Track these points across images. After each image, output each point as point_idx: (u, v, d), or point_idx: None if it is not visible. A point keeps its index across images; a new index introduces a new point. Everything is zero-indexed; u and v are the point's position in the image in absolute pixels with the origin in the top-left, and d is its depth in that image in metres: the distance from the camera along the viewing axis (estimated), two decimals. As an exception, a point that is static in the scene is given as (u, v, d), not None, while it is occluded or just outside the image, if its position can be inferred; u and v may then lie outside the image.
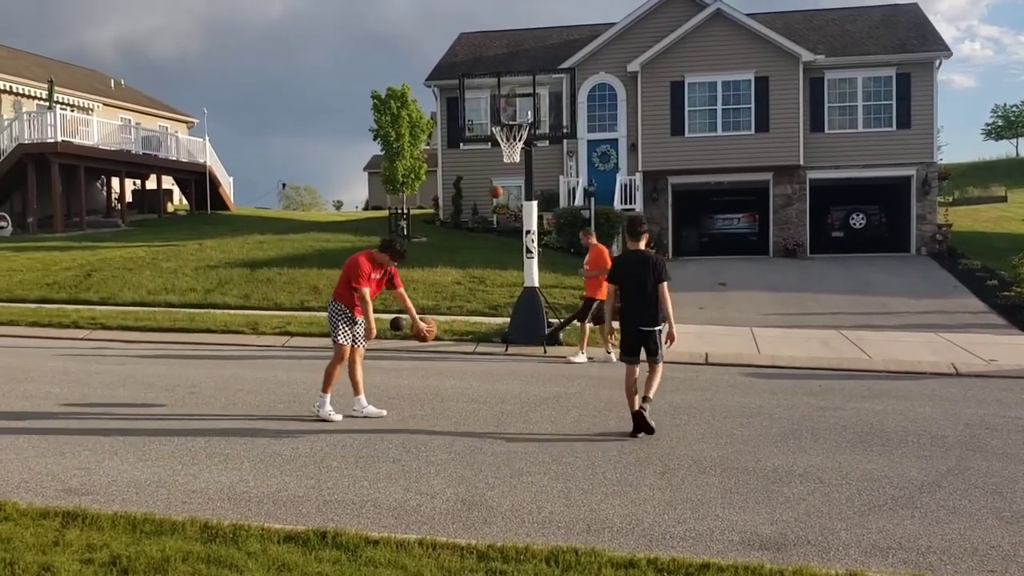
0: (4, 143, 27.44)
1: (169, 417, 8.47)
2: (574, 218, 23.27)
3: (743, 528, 5.49)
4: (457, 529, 5.44)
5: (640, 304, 7.82)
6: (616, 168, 26.40)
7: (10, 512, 5.41)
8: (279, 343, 13.81)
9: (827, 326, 15.41)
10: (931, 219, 25.07)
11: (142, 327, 14.61)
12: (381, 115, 27.38)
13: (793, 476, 6.60)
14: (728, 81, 25.08)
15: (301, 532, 5.11)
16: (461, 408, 9.03)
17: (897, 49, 25.26)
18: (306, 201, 71.53)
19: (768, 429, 8.17)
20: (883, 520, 5.65)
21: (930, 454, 7.29)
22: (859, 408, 9.17)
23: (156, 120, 39.03)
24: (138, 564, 4.60)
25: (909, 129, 24.98)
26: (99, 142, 29.32)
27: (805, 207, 25.53)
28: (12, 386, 9.97)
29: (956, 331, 14.69)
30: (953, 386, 10.69)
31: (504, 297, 16.91)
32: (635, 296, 7.85)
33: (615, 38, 26.31)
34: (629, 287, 7.91)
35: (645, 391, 7.83)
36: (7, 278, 19.02)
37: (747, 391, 10.21)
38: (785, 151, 24.81)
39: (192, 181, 34.02)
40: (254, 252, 21.75)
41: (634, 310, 7.86)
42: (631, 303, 7.89)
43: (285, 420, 8.37)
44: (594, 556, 4.79)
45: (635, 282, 7.85)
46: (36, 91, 32.00)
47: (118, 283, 18.36)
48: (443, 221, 28.41)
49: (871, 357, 12.58)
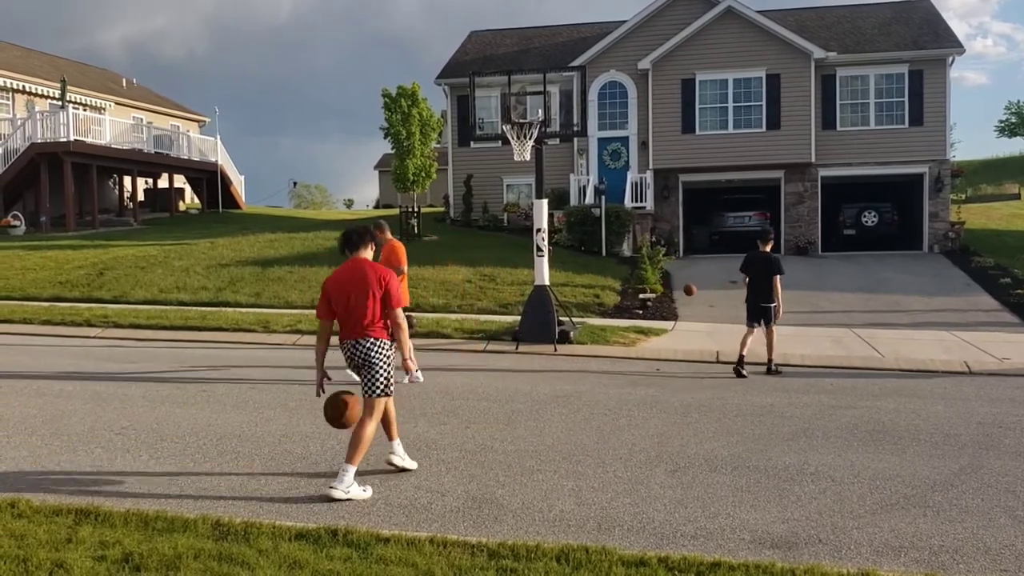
0: (17, 142, 27.58)
1: (181, 414, 8.50)
2: (585, 216, 23.26)
3: (754, 527, 5.47)
4: (468, 527, 5.44)
5: (762, 289, 11.25)
6: (627, 166, 26.35)
7: (23, 509, 5.45)
8: (290, 341, 13.84)
9: (839, 324, 15.35)
10: (944, 217, 24.93)
11: (154, 325, 14.67)
12: (392, 114, 27.40)
13: (805, 475, 6.58)
14: (739, 79, 25.00)
15: (312, 530, 5.13)
16: (471, 406, 9.03)
17: (909, 46, 25.12)
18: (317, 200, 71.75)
19: (779, 427, 8.15)
20: (895, 519, 5.62)
21: (943, 453, 7.25)
22: (871, 406, 9.14)
23: (168, 119, 39.18)
24: (150, 561, 4.62)
25: (921, 126, 24.84)
26: (111, 141, 29.46)
27: (817, 205, 25.43)
28: (25, 384, 10.03)
29: (969, 329, 14.61)
30: (966, 384, 10.64)
31: (515, 295, 16.90)
32: (759, 283, 11.29)
33: (625, 36, 26.24)
34: (754, 277, 11.34)
35: (768, 353, 11.39)
36: (21, 277, 19.12)
37: (758, 389, 10.19)
38: (796, 149, 24.72)
39: (203, 180, 34.16)
40: (265, 251, 21.81)
41: (757, 293, 11.30)
42: (756, 287, 11.32)
43: (296, 418, 8.39)
44: (605, 554, 4.79)
45: (760, 273, 11.29)
46: (49, 90, 32.15)
47: (130, 281, 18.44)
48: (454, 219, 28.42)
49: (883, 355, 12.52)
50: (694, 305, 17.24)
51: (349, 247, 6.41)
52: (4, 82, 31.22)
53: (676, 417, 8.54)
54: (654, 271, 18.87)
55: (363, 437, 6.03)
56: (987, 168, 47.60)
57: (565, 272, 19.05)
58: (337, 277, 6.31)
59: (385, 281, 6.19)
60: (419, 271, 18.72)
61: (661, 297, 17.85)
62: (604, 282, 18.76)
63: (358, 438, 6.02)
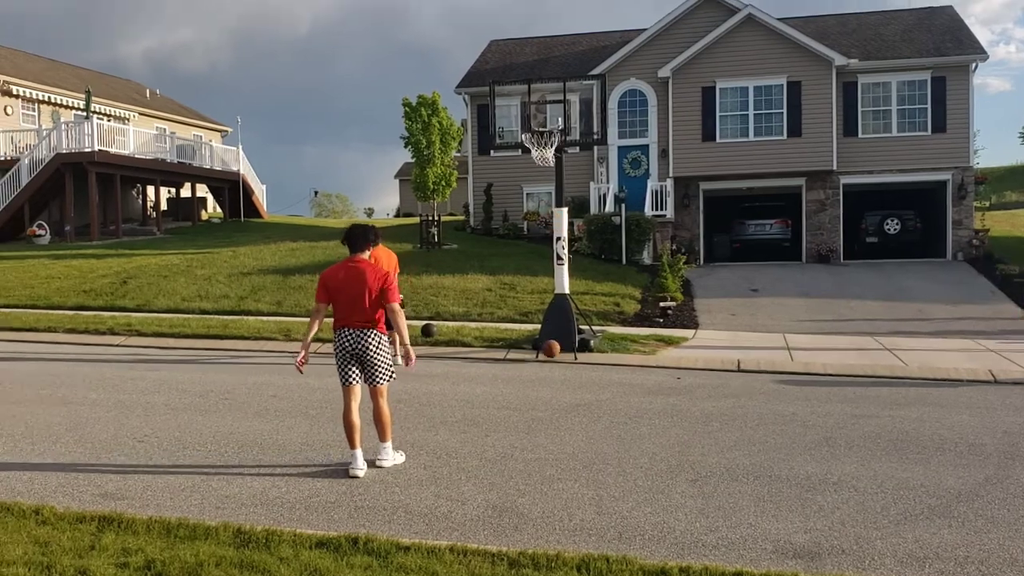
0: (42, 152, 27.91)
1: (203, 422, 8.55)
2: (605, 224, 23.23)
3: (776, 537, 5.43)
4: (488, 535, 5.44)
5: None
6: (647, 174, 26.31)
7: (48, 516, 5.50)
8: (311, 350, 13.89)
9: (861, 332, 15.23)
10: (968, 224, 24.70)
11: (176, 333, 14.77)
12: (412, 123, 27.54)
13: (827, 484, 6.53)
14: (760, 86, 24.91)
15: (333, 538, 5.14)
16: (492, 414, 9.03)
17: (932, 52, 24.95)
18: (338, 208, 72.18)
19: (802, 436, 8.09)
20: (919, 529, 5.57)
21: (968, 462, 7.17)
22: (895, 416, 9.05)
23: (190, 129, 39.53)
24: (172, 569, 4.65)
25: (944, 133, 24.65)
26: (135, 151, 29.75)
27: (839, 212, 25.27)
28: (50, 391, 10.12)
29: (994, 337, 14.45)
30: (991, 393, 10.52)
31: (535, 304, 16.89)
32: None
33: (645, 44, 26.23)
34: None
35: None
36: (45, 285, 19.32)
37: (780, 398, 10.12)
38: (818, 156, 24.58)
39: (226, 189, 34.40)
40: (287, 259, 21.93)
41: None
42: None
43: (317, 426, 8.42)
44: (625, 564, 4.77)
45: None
46: (74, 101, 32.55)
47: (153, 290, 18.59)
48: (474, 228, 28.47)
49: (907, 364, 12.41)
50: (715, 313, 17.18)
51: (351, 246, 6.86)
52: (30, 93, 31.64)
53: (697, 426, 8.50)
54: (674, 279, 18.81)
55: (384, 417, 6.87)
56: (1012, 175, 47.16)
57: (585, 280, 19.02)
58: (335, 276, 6.83)
59: (382, 281, 6.75)
60: (439, 279, 18.76)
61: (681, 305, 17.78)
62: (624, 290, 18.71)
63: (381, 420, 6.86)
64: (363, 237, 6.88)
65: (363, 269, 6.74)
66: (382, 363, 6.79)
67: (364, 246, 6.86)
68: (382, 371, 6.81)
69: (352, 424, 6.73)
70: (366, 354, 6.73)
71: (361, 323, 6.71)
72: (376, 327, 6.75)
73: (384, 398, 6.87)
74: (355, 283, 6.70)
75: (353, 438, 6.73)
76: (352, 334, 6.72)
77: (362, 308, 6.68)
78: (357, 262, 6.79)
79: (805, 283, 20.96)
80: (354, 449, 6.73)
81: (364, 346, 6.71)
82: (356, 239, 6.86)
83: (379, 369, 6.79)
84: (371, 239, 6.97)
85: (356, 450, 6.73)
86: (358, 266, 6.76)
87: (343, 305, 6.74)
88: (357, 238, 6.86)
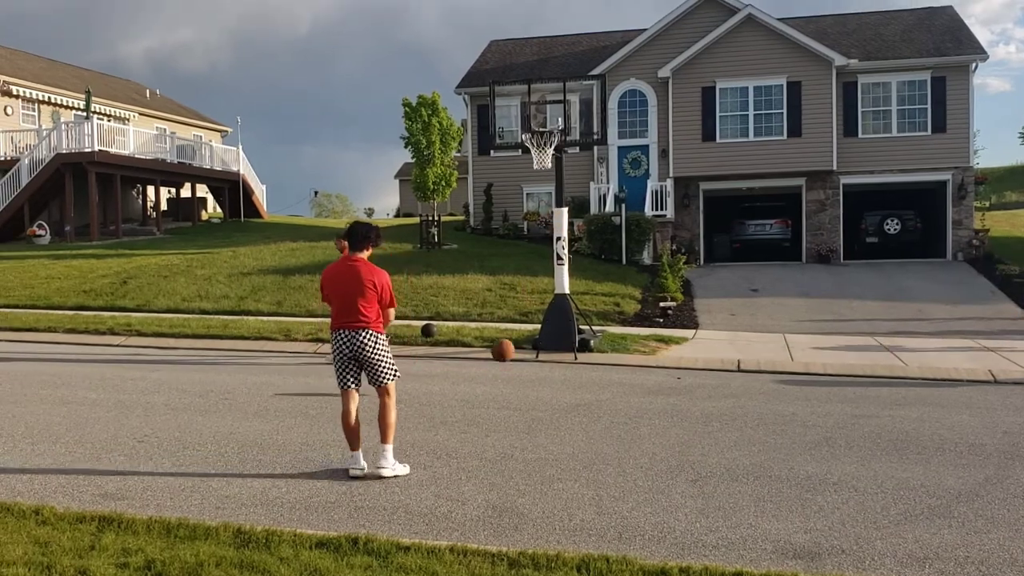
0: (42, 153, 27.91)
1: (203, 422, 8.55)
2: (605, 224, 23.24)
3: (776, 537, 5.43)
4: (488, 536, 5.43)
5: None
6: (647, 174, 26.32)
7: (48, 516, 5.49)
8: (311, 349, 13.89)
9: (861, 332, 15.23)
10: (968, 224, 24.70)
11: (176, 334, 14.77)
12: (412, 123, 27.56)
13: (827, 484, 6.53)
14: (760, 86, 24.91)
15: (333, 538, 5.14)
16: (492, 415, 9.03)
17: (932, 52, 24.95)
18: (338, 209, 72.17)
19: (802, 436, 8.09)
20: (920, 529, 5.56)
21: (968, 462, 7.17)
22: (895, 416, 9.05)
23: (190, 129, 39.53)
24: (172, 569, 4.65)
25: (944, 133, 24.66)
26: (135, 151, 29.76)
27: (839, 212, 25.27)
28: (50, 391, 10.12)
29: (994, 337, 14.46)
30: (991, 393, 10.52)
31: (535, 304, 16.89)
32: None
33: (645, 44, 26.23)
34: None
35: None
36: (45, 286, 19.32)
37: (780, 398, 10.12)
38: (818, 156, 24.58)
39: (226, 189, 34.40)
40: (287, 259, 21.94)
41: None
42: None
43: (317, 426, 8.41)
44: (625, 564, 4.77)
45: None
46: (74, 101, 32.54)
47: (153, 290, 18.59)
48: (474, 228, 28.48)
49: (906, 364, 12.41)
50: (715, 313, 17.18)
51: (351, 244, 6.86)
52: (30, 93, 31.64)
53: (697, 426, 8.50)
54: (674, 279, 18.82)
55: (389, 418, 6.76)
56: (1012, 175, 47.16)
57: (585, 280, 19.02)
58: (332, 273, 6.86)
59: (380, 283, 6.72)
60: (439, 279, 18.76)
61: (681, 305, 17.79)
62: (624, 290, 18.72)
63: (386, 420, 6.74)
64: (364, 237, 6.82)
65: (359, 268, 6.70)
66: (383, 362, 6.73)
67: (364, 245, 6.81)
68: (385, 370, 6.74)
69: (351, 429, 6.69)
70: (364, 355, 6.68)
71: (357, 323, 6.65)
72: (372, 327, 6.68)
73: (391, 397, 6.79)
74: (350, 281, 6.67)
75: (353, 441, 6.71)
76: (348, 335, 6.67)
77: (357, 307, 6.63)
78: (355, 261, 6.75)
79: (805, 283, 20.97)
80: (354, 451, 6.72)
81: (361, 347, 6.65)
82: (356, 237, 6.82)
83: (381, 368, 6.73)
84: (372, 240, 6.88)
85: (357, 451, 6.72)
86: (355, 265, 6.72)
87: (338, 303, 6.71)
88: (358, 236, 6.82)
